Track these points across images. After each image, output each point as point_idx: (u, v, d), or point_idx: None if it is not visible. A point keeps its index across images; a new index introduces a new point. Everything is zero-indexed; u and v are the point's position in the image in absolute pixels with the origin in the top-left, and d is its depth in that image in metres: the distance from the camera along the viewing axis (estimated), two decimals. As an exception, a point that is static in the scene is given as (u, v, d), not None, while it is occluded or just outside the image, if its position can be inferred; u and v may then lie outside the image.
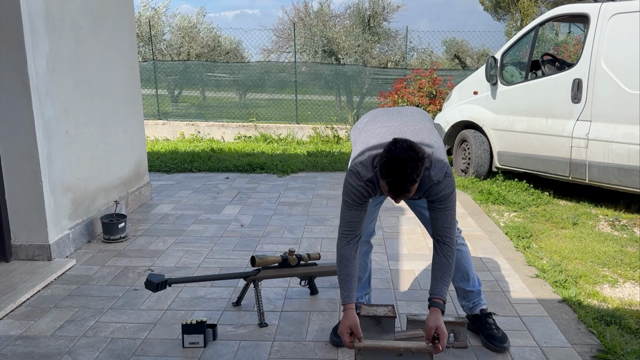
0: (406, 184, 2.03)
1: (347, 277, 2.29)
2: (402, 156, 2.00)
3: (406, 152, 2.01)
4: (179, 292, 3.21)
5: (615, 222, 4.65)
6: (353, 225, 2.30)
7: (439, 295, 2.24)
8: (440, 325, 2.17)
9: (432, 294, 2.26)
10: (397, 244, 4.07)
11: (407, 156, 2.00)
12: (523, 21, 19.46)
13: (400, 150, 2.02)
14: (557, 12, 5.55)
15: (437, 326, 2.17)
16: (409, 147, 2.03)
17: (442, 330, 2.16)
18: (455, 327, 2.55)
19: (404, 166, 2.00)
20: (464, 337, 2.55)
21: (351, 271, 2.29)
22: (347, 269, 2.29)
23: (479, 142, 6.14)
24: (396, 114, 2.47)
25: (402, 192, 2.06)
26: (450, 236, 2.27)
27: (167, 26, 16.84)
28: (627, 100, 4.66)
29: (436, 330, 2.17)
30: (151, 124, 10.73)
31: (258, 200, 5.38)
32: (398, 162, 2.00)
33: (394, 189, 2.06)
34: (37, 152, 3.50)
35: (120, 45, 4.78)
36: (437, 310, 2.21)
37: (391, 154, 2.02)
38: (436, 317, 2.19)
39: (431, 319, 2.20)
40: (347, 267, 2.29)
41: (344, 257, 2.30)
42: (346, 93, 12.58)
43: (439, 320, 2.18)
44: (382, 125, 2.38)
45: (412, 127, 2.35)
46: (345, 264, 2.30)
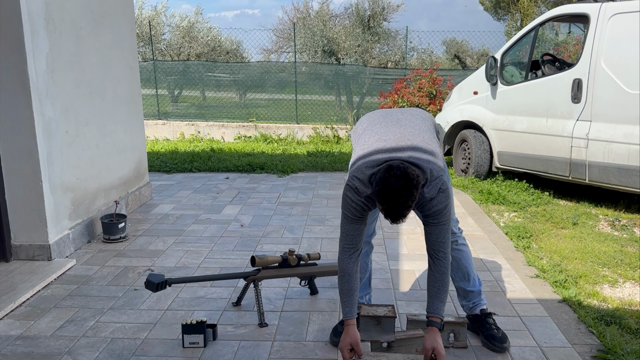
0: (401, 210, 2.06)
1: (349, 292, 2.29)
2: (397, 185, 2.01)
3: (400, 180, 2.01)
4: (179, 292, 3.21)
5: (615, 222, 4.65)
6: (354, 239, 2.30)
7: (435, 314, 2.25)
8: (437, 347, 2.18)
9: (429, 312, 2.26)
10: (397, 244, 4.07)
11: (402, 184, 2.01)
12: (523, 21, 19.46)
13: (394, 179, 2.02)
14: (557, 12, 5.55)
15: (433, 347, 2.19)
16: (402, 175, 2.02)
17: (439, 351, 2.18)
18: (456, 327, 2.55)
19: (398, 195, 2.02)
20: (464, 337, 2.55)
21: (353, 287, 2.30)
22: (349, 285, 2.30)
23: (479, 142, 6.14)
24: (395, 124, 2.39)
25: (397, 217, 2.08)
26: (444, 251, 2.25)
27: (166, 26, 16.85)
28: (627, 100, 4.66)
29: (433, 351, 2.19)
30: (151, 124, 10.73)
31: (258, 200, 5.38)
32: (393, 191, 2.02)
33: (390, 216, 2.08)
34: (37, 152, 3.50)
35: (120, 45, 4.78)
36: (435, 330, 2.22)
37: (386, 183, 2.03)
38: (433, 337, 2.21)
39: (428, 340, 2.21)
40: (349, 282, 2.30)
41: (346, 273, 2.30)
42: (346, 93, 12.58)
43: (436, 342, 2.19)
44: (379, 138, 2.32)
45: (410, 140, 2.28)
46: (347, 280, 2.30)
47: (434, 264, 2.27)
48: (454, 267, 2.66)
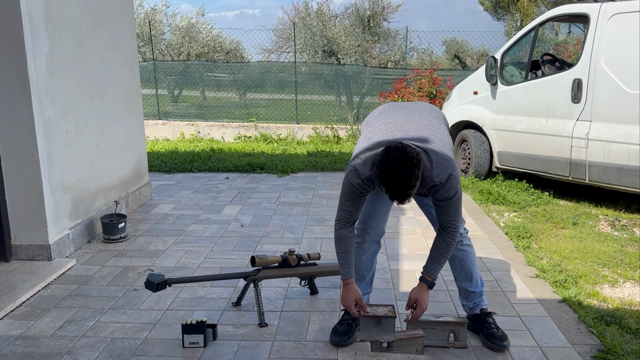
0: (405, 190, 2.07)
1: (346, 254, 2.43)
2: (397, 166, 2.02)
3: (400, 160, 2.02)
4: (179, 292, 3.21)
5: (615, 222, 4.65)
6: (350, 214, 2.41)
7: (429, 273, 2.40)
8: (420, 299, 2.37)
9: (425, 270, 2.42)
10: (397, 244, 4.07)
11: (402, 164, 2.02)
12: (523, 21, 19.47)
13: (394, 160, 2.03)
14: (557, 12, 5.55)
15: (417, 299, 2.38)
16: (401, 155, 2.03)
17: (420, 303, 2.37)
18: (455, 327, 2.56)
19: (399, 175, 2.03)
20: (463, 337, 2.56)
21: (349, 249, 2.43)
22: (345, 247, 2.42)
23: (479, 142, 6.14)
24: (403, 110, 2.48)
25: (403, 198, 2.10)
26: (455, 225, 2.34)
27: (167, 26, 16.85)
28: (627, 100, 4.66)
29: (416, 301, 2.38)
30: (151, 124, 10.73)
31: (258, 200, 5.38)
32: (393, 172, 2.03)
33: (394, 196, 2.11)
34: (37, 152, 3.50)
35: (120, 45, 4.78)
36: (424, 285, 2.39)
37: (385, 164, 2.05)
38: (420, 290, 2.39)
39: (415, 291, 2.40)
40: (345, 245, 2.42)
41: (341, 237, 2.42)
42: (346, 93, 12.58)
43: (420, 294, 2.38)
44: (385, 121, 2.40)
45: (416, 123, 2.35)
46: (343, 243, 2.42)
47: (443, 233, 2.37)
48: (457, 267, 2.66)
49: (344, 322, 2.66)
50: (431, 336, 2.55)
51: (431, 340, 2.55)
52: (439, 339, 2.56)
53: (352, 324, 2.65)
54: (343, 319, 2.68)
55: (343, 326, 2.64)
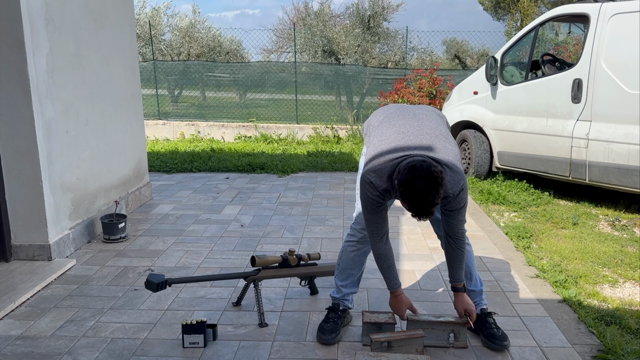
0: (428, 208, 2.11)
1: (389, 269, 2.50)
2: (423, 186, 2.04)
3: (425, 180, 2.04)
4: (179, 292, 3.21)
5: (615, 222, 4.65)
6: (379, 225, 2.42)
7: (458, 281, 2.51)
8: (468, 307, 2.51)
9: (453, 280, 2.52)
10: (397, 244, 4.07)
11: (427, 184, 2.04)
12: (523, 21, 19.47)
13: (420, 180, 2.04)
14: (557, 12, 5.55)
15: (465, 308, 2.51)
16: (427, 174, 2.05)
17: (471, 310, 2.50)
18: (456, 327, 2.58)
19: (425, 195, 2.06)
20: (464, 337, 2.57)
21: (390, 263, 2.49)
22: (387, 263, 2.49)
23: (479, 142, 6.14)
24: (412, 117, 2.45)
25: (425, 215, 2.14)
26: (461, 231, 2.45)
27: (166, 26, 16.85)
28: (627, 100, 4.66)
29: (465, 310, 2.50)
30: (151, 124, 10.73)
31: (258, 200, 5.38)
32: (419, 192, 2.06)
33: (417, 214, 2.14)
34: (37, 152, 3.50)
35: (120, 45, 4.78)
36: (462, 294, 2.52)
37: (411, 184, 2.06)
38: (462, 300, 2.52)
39: (459, 303, 2.53)
40: (387, 261, 2.48)
41: (382, 254, 2.47)
42: (346, 93, 12.58)
43: (466, 303, 2.51)
44: (397, 131, 2.36)
45: (428, 134, 2.33)
46: (384, 259, 2.48)
47: (453, 242, 2.46)
48: None
49: (329, 320, 2.68)
50: (431, 336, 2.57)
51: (431, 340, 2.57)
52: (439, 339, 2.57)
53: (338, 321, 2.68)
54: (328, 317, 2.70)
55: (329, 324, 2.65)
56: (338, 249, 3.86)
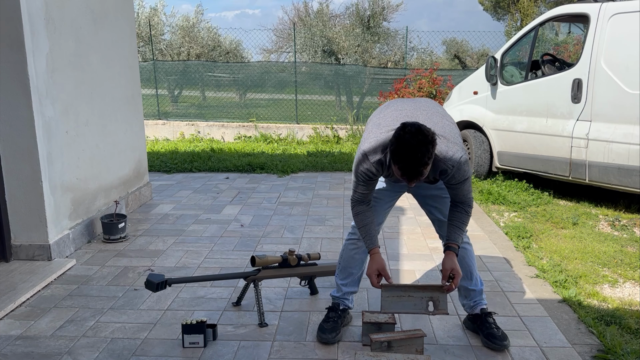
0: (418, 167, 2.07)
1: (367, 227, 2.46)
2: (412, 141, 2.03)
3: (415, 136, 2.04)
4: (179, 292, 3.21)
5: (615, 222, 4.65)
6: (364, 195, 2.45)
7: (454, 241, 2.41)
8: (455, 267, 2.37)
9: (448, 239, 2.42)
10: (397, 244, 4.07)
11: (417, 140, 2.03)
12: (523, 21, 19.47)
13: (409, 134, 2.05)
14: (557, 12, 5.55)
15: (452, 268, 2.37)
16: (417, 131, 2.05)
17: (457, 270, 2.37)
18: (434, 293, 2.43)
19: (414, 150, 2.03)
20: (444, 304, 2.43)
21: (368, 221, 2.45)
22: (365, 220, 2.46)
23: (479, 142, 6.14)
24: (410, 101, 2.53)
25: (415, 175, 2.11)
26: (470, 198, 2.40)
27: (166, 26, 16.84)
28: (627, 100, 4.66)
29: (452, 271, 2.37)
30: (151, 124, 10.73)
31: (258, 200, 5.38)
32: (408, 146, 2.04)
33: (406, 174, 2.10)
34: (37, 152, 3.50)
35: (120, 45, 4.78)
36: (452, 253, 2.39)
37: (400, 139, 2.06)
38: (452, 259, 2.38)
39: (447, 262, 2.38)
40: (364, 219, 2.46)
41: (359, 211, 2.46)
42: (346, 93, 12.58)
43: (453, 263, 2.37)
44: (394, 109, 2.43)
45: (425, 111, 2.39)
46: (362, 217, 2.46)
47: (460, 206, 2.41)
48: None
49: (329, 319, 2.68)
50: (408, 304, 2.43)
51: (408, 308, 2.43)
52: (417, 307, 2.43)
53: (338, 321, 2.67)
54: (328, 316, 2.70)
55: (329, 324, 2.66)
56: (338, 249, 3.86)
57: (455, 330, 2.75)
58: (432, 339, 2.64)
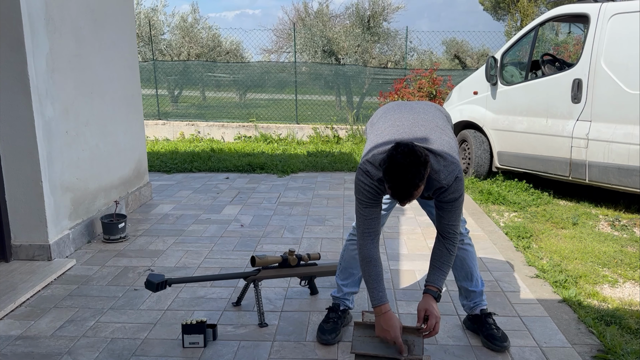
0: (408, 189, 2.02)
1: (377, 277, 2.28)
2: (404, 161, 1.99)
3: (407, 157, 1.99)
4: (179, 292, 3.21)
5: (615, 222, 4.65)
6: (372, 223, 2.31)
7: (434, 284, 2.30)
8: (429, 307, 2.24)
9: (428, 281, 2.32)
10: (397, 244, 4.07)
11: (409, 161, 1.99)
12: (523, 21, 19.48)
13: (401, 155, 2.00)
14: (557, 12, 5.55)
15: (425, 308, 2.25)
16: (410, 152, 2.01)
17: (431, 312, 2.23)
18: (409, 337, 2.27)
19: (405, 171, 1.99)
20: (419, 349, 2.25)
21: (380, 271, 2.28)
22: (376, 269, 2.28)
23: (479, 142, 6.14)
24: (408, 111, 2.44)
25: (404, 197, 2.06)
26: (454, 232, 2.30)
27: (166, 26, 16.85)
28: (627, 100, 4.66)
29: (426, 312, 2.24)
30: (151, 124, 10.73)
31: (258, 200, 5.38)
32: (399, 167, 2.00)
33: (396, 194, 2.06)
34: (37, 152, 3.50)
35: (120, 45, 4.78)
36: (429, 296, 2.28)
37: (392, 159, 2.02)
38: (426, 301, 2.26)
39: (421, 303, 2.28)
40: (376, 267, 2.29)
41: (371, 258, 2.29)
42: (346, 93, 12.59)
43: (427, 304, 2.25)
44: (392, 124, 2.37)
45: (423, 125, 2.32)
46: (373, 264, 2.29)
47: (443, 240, 2.31)
48: (458, 266, 2.66)
49: (329, 320, 2.68)
50: (380, 346, 2.27)
51: (380, 350, 2.26)
52: (389, 350, 2.26)
53: (338, 321, 2.67)
54: (328, 317, 2.70)
55: (329, 324, 2.65)
56: (338, 249, 3.86)
57: (455, 330, 2.75)
58: (432, 339, 2.64)
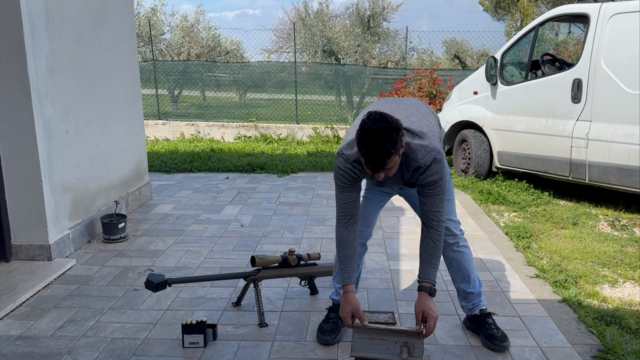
0: (381, 154, 2.01)
1: (346, 258, 2.33)
2: (375, 127, 2.00)
3: (378, 122, 2.01)
4: (179, 292, 3.21)
5: (615, 222, 4.65)
6: (347, 207, 2.32)
7: (426, 279, 2.28)
8: (426, 309, 2.22)
9: (420, 277, 2.30)
10: (397, 244, 4.07)
11: (379, 126, 2.00)
12: (523, 21, 19.48)
13: (372, 121, 2.02)
14: (557, 12, 5.55)
15: (423, 310, 2.23)
16: (381, 118, 2.02)
17: (429, 313, 2.21)
18: (409, 339, 2.24)
19: (376, 137, 1.99)
20: (419, 352, 2.23)
21: (350, 253, 2.33)
22: (346, 251, 2.33)
23: (479, 142, 6.14)
24: (392, 101, 2.49)
25: (378, 164, 2.04)
26: (438, 219, 2.26)
27: (166, 26, 16.85)
28: (627, 100, 4.66)
29: (423, 313, 2.23)
30: (151, 124, 10.73)
31: (258, 200, 5.38)
32: (370, 133, 2.00)
33: (370, 162, 2.05)
34: (37, 152, 3.50)
35: (120, 45, 4.78)
36: (424, 294, 2.26)
37: (363, 126, 2.03)
38: (422, 301, 2.24)
39: (418, 304, 2.25)
40: (346, 249, 2.33)
41: (342, 240, 2.33)
42: (346, 93, 12.59)
43: (425, 305, 2.23)
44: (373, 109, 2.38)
45: (404, 110, 2.35)
46: (344, 247, 2.33)
47: (427, 231, 2.29)
48: (455, 269, 2.66)
49: (329, 320, 2.67)
50: (380, 348, 2.26)
51: (380, 352, 2.26)
52: (389, 352, 2.25)
53: (338, 322, 2.66)
54: (328, 317, 2.69)
55: (329, 325, 2.65)
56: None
57: (455, 330, 2.75)
58: (432, 339, 2.64)
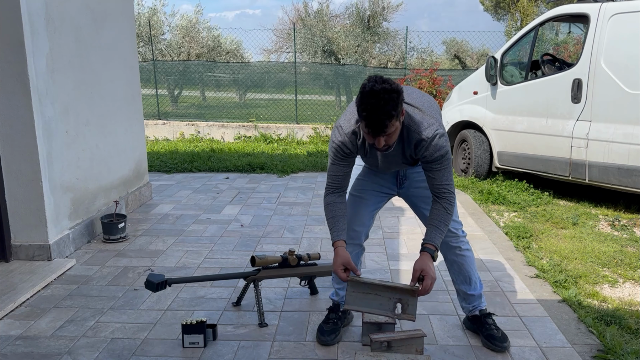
0: (381, 116, 2.01)
1: (334, 219, 2.37)
2: (375, 87, 2.01)
3: (379, 84, 2.02)
4: (179, 292, 3.21)
5: (615, 222, 4.65)
6: (337, 179, 2.38)
7: (431, 242, 2.30)
8: (426, 268, 2.23)
9: (425, 239, 2.32)
10: (397, 244, 4.07)
11: (380, 88, 2.01)
12: (523, 21, 19.48)
13: (373, 82, 2.03)
14: (557, 12, 5.55)
15: (422, 268, 2.24)
16: (382, 80, 2.04)
17: (427, 272, 2.22)
18: (404, 295, 2.26)
19: (377, 97, 2.00)
20: (412, 309, 2.26)
21: (337, 213, 2.37)
22: (334, 212, 2.38)
23: (479, 142, 6.14)
24: None
25: (378, 127, 2.04)
26: (449, 190, 2.30)
27: (166, 26, 16.85)
28: (627, 100, 4.66)
29: (422, 272, 2.24)
30: (151, 124, 10.73)
31: (258, 200, 5.38)
32: (371, 94, 2.01)
33: (370, 124, 2.05)
34: (37, 152, 3.50)
35: (120, 45, 4.78)
36: (426, 254, 2.27)
37: (364, 88, 2.04)
38: (423, 260, 2.26)
39: (418, 262, 2.27)
40: (333, 210, 2.38)
41: (329, 203, 2.39)
42: (346, 93, 12.60)
43: (424, 264, 2.24)
44: None
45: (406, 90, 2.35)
46: (331, 208, 2.39)
47: (439, 200, 2.32)
48: (456, 271, 2.65)
49: (329, 321, 2.67)
50: (374, 303, 2.28)
51: (373, 307, 2.28)
52: (382, 307, 2.29)
53: (338, 322, 2.66)
54: (328, 318, 2.69)
55: (329, 325, 2.65)
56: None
57: (455, 330, 2.75)
58: (432, 339, 2.64)
